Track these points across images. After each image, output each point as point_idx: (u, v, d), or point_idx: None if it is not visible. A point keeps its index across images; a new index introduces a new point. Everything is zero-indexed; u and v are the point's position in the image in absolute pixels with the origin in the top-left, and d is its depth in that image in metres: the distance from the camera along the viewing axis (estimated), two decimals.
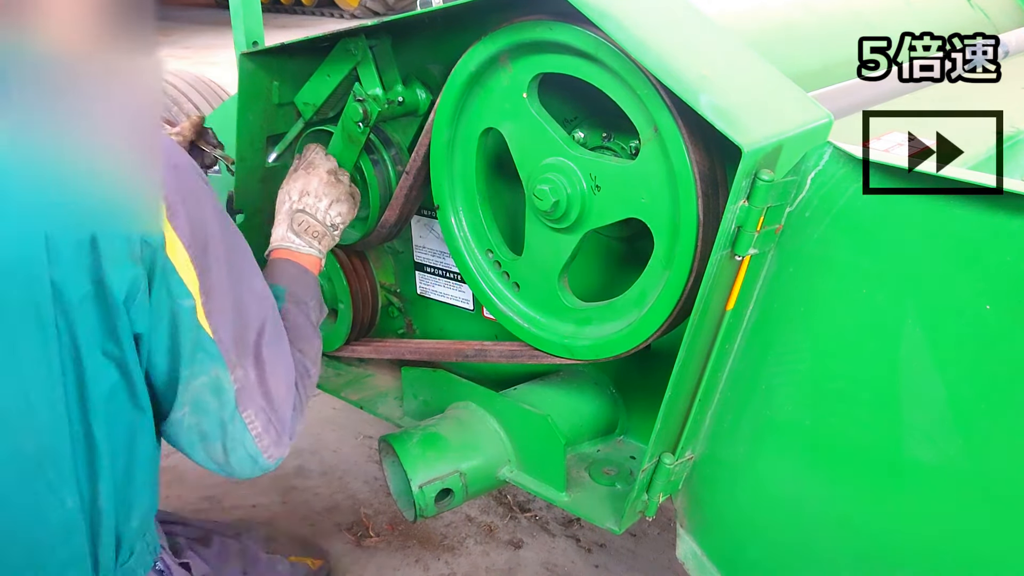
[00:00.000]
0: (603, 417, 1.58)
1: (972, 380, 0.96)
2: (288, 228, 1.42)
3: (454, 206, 1.47)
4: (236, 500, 2.25)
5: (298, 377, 1.18)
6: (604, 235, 1.46)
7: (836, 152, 1.03)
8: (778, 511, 1.21)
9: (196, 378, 1.03)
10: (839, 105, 1.34)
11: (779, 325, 1.13)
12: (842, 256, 1.04)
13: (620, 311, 1.31)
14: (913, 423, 1.02)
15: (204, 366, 1.03)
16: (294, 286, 1.32)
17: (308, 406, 1.22)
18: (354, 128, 1.50)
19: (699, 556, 1.32)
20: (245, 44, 1.93)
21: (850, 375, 1.07)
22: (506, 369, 1.69)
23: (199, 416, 1.05)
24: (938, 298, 0.97)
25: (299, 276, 1.36)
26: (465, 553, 2.06)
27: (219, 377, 1.04)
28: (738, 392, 1.21)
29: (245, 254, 1.10)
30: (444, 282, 1.75)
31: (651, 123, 1.14)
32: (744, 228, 1.04)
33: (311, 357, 1.26)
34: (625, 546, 2.09)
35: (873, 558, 1.11)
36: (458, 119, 1.39)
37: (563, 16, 1.15)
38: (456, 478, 1.42)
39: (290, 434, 1.13)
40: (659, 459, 1.27)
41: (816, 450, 1.13)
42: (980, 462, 0.98)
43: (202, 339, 1.01)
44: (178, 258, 0.97)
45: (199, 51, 9.40)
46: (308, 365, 1.24)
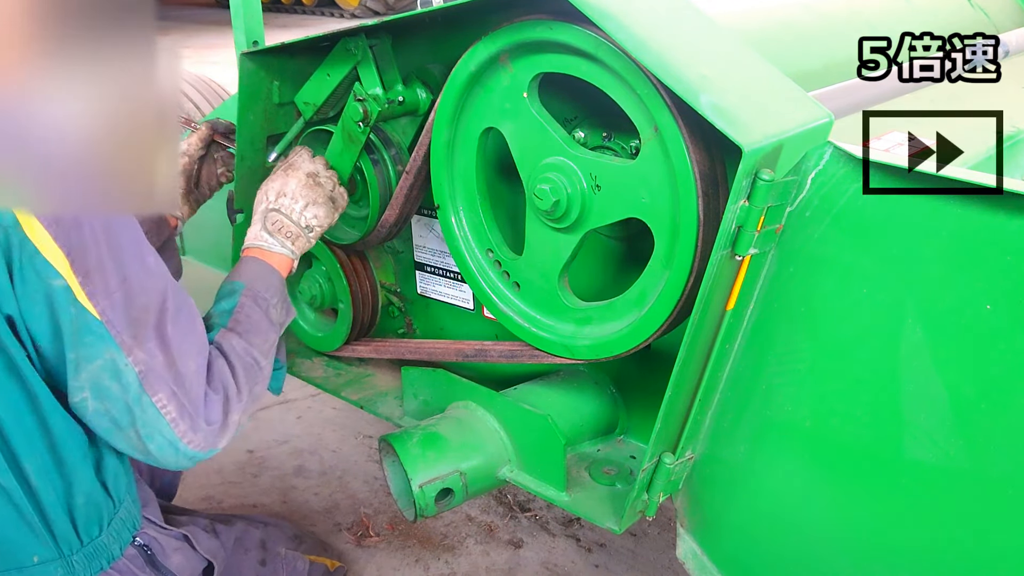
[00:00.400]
0: (603, 417, 1.58)
1: (972, 380, 0.96)
2: (262, 227, 1.42)
3: (454, 206, 1.47)
4: (235, 500, 2.26)
5: (242, 368, 1.18)
6: (604, 235, 1.46)
7: (836, 152, 1.03)
8: (778, 511, 1.21)
9: (90, 361, 1.00)
10: (839, 105, 1.34)
11: (779, 325, 1.13)
12: (842, 256, 1.04)
13: (620, 311, 1.32)
14: (913, 423, 1.02)
15: (95, 349, 1.00)
16: (256, 282, 1.32)
17: (309, 408, 1.21)
18: (354, 128, 1.50)
19: (699, 556, 1.32)
20: (245, 43, 1.93)
21: (850, 375, 1.07)
22: (506, 369, 1.69)
23: (104, 401, 1.03)
24: (938, 298, 0.97)
25: (263, 273, 1.36)
26: (465, 553, 2.06)
27: (114, 359, 1.01)
28: (738, 392, 1.21)
29: (128, 231, 1.05)
30: (444, 282, 1.75)
31: (651, 123, 1.14)
32: (744, 228, 1.04)
33: (261, 350, 1.25)
34: (625, 546, 2.09)
35: (873, 558, 1.11)
36: (458, 119, 1.39)
37: (563, 16, 1.15)
38: (456, 478, 1.42)
39: (207, 418, 1.09)
40: (659, 459, 1.27)
41: (816, 450, 1.13)
42: (980, 462, 0.98)
43: (87, 321, 0.99)
44: (38, 237, 0.94)
45: (199, 50, 9.40)
46: (257, 356, 1.23)
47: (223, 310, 1.27)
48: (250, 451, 2.46)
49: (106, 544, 1.22)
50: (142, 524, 1.30)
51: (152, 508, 1.37)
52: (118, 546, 1.24)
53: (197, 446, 1.08)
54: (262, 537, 1.57)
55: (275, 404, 2.65)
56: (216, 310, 1.28)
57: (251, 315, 1.27)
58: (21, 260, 0.95)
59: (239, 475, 2.36)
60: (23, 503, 1.10)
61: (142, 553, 1.28)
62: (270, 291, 1.33)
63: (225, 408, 1.12)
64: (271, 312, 1.31)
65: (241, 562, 1.50)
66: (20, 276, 0.96)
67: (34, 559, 1.14)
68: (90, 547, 1.19)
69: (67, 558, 1.17)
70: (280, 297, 1.36)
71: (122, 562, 1.24)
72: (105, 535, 1.22)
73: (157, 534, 1.32)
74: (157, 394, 1.04)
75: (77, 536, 1.18)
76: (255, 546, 1.54)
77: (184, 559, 1.35)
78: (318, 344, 1.90)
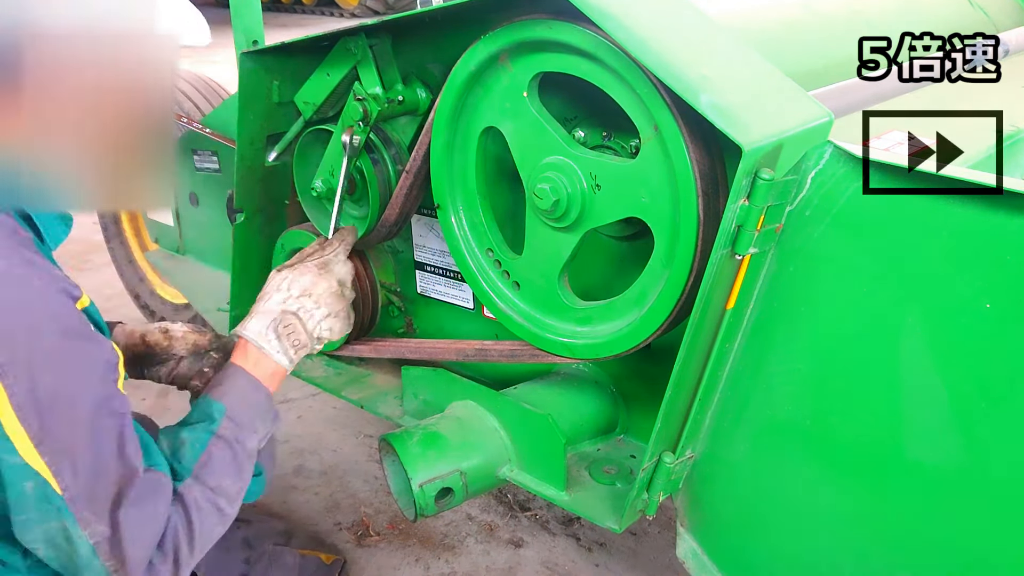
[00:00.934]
0: (603, 416, 1.58)
1: (972, 379, 0.96)
2: (270, 326, 1.29)
3: (454, 205, 1.47)
4: None
5: (199, 521, 1.10)
6: (604, 234, 1.46)
7: (836, 151, 1.03)
8: (778, 510, 1.21)
9: (43, 523, 0.98)
10: (839, 104, 1.34)
11: (779, 324, 1.13)
12: (842, 255, 1.04)
13: (620, 310, 1.32)
14: (913, 422, 1.02)
15: (50, 516, 0.97)
16: (239, 409, 1.21)
17: (309, 408, 1.19)
18: (354, 127, 1.50)
19: (699, 555, 1.32)
20: (245, 43, 1.93)
21: (850, 374, 1.07)
22: (506, 368, 1.69)
23: (56, 551, 1.00)
24: (938, 297, 0.97)
25: (250, 396, 1.24)
26: (465, 552, 2.06)
27: (67, 529, 0.98)
28: (738, 391, 1.21)
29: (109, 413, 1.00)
30: (444, 281, 1.75)
31: (651, 122, 1.14)
32: (744, 227, 1.04)
33: (228, 495, 1.15)
34: (626, 545, 2.09)
35: (873, 557, 1.11)
36: (458, 118, 1.39)
37: (563, 15, 1.15)
38: (456, 477, 1.43)
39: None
40: (659, 458, 1.27)
41: (816, 449, 1.13)
42: (980, 461, 0.98)
43: (47, 493, 0.96)
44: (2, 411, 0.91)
45: (199, 50, 9.39)
46: (222, 505, 1.14)
47: (195, 440, 1.16)
48: None
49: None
50: None
51: None
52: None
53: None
54: (245, 535, 1.55)
55: (276, 404, 2.65)
56: (187, 436, 1.16)
57: (222, 457, 1.16)
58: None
59: None
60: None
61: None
62: (253, 416, 1.22)
63: (174, 570, 1.07)
64: (249, 444, 1.21)
65: (224, 561, 1.48)
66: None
67: None
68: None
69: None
70: (264, 419, 1.25)
71: None
72: None
73: None
74: (110, 560, 1.01)
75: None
76: (237, 545, 1.52)
77: None
78: None
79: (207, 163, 2.26)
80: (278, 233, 1.84)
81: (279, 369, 1.30)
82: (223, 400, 1.21)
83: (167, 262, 2.65)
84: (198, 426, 1.18)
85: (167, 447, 1.15)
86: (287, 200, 1.84)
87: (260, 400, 1.25)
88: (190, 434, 1.16)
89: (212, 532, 1.14)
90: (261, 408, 1.25)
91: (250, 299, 1.40)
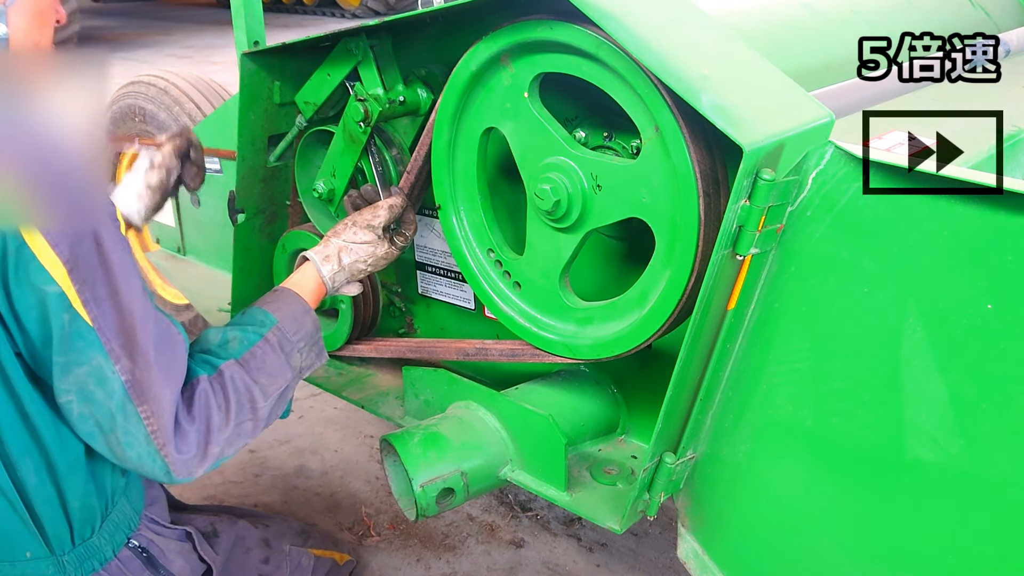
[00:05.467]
0: (604, 416, 1.58)
1: (973, 379, 0.96)
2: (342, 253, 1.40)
3: (455, 206, 1.47)
4: (237, 500, 2.26)
5: (235, 402, 1.14)
6: (605, 234, 1.46)
7: (837, 151, 1.03)
8: (780, 510, 1.21)
9: (78, 366, 1.01)
10: (839, 105, 1.34)
11: (780, 325, 1.13)
12: (843, 255, 1.04)
13: (621, 310, 1.32)
14: (914, 422, 1.02)
15: (84, 354, 1.00)
16: (288, 323, 1.27)
17: (310, 408, 1.21)
18: (355, 128, 1.50)
19: (701, 555, 1.32)
20: (246, 44, 1.93)
21: (851, 375, 1.07)
22: (507, 368, 1.69)
23: (89, 405, 1.03)
24: (939, 297, 0.97)
25: (298, 314, 1.30)
26: (467, 552, 2.06)
27: (101, 366, 1.01)
28: (739, 392, 1.21)
29: (121, 250, 1.05)
30: (445, 281, 1.75)
31: (652, 122, 1.14)
32: (745, 227, 1.04)
33: (265, 391, 1.20)
34: (627, 545, 2.09)
35: (874, 557, 1.11)
36: (459, 119, 1.39)
37: (564, 15, 1.16)
38: (457, 477, 1.43)
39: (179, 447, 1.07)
40: (660, 458, 1.27)
41: (817, 449, 1.13)
42: (982, 462, 0.98)
43: (79, 327, 0.99)
44: (36, 245, 0.95)
45: (200, 51, 9.41)
46: (256, 395, 1.18)
47: (244, 339, 1.22)
48: (251, 451, 2.46)
49: (98, 546, 1.22)
50: (140, 526, 1.30)
51: (159, 507, 1.36)
52: (111, 548, 1.24)
53: (174, 465, 1.07)
54: (265, 535, 1.56)
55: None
56: (238, 334, 1.22)
57: (268, 356, 1.22)
58: (17, 265, 0.95)
59: (240, 475, 2.36)
60: (16, 501, 1.11)
61: (138, 555, 1.28)
62: (300, 335, 1.28)
63: (205, 439, 1.10)
64: (293, 357, 1.26)
65: (243, 561, 1.49)
66: (15, 280, 0.96)
67: (27, 554, 1.15)
68: (81, 548, 1.20)
69: (58, 557, 1.17)
70: (309, 342, 1.30)
71: (115, 563, 1.24)
72: (97, 537, 1.22)
73: (156, 536, 1.32)
74: (142, 405, 1.03)
75: (71, 537, 1.18)
76: (257, 544, 1.54)
77: (185, 562, 1.35)
78: None
79: (208, 164, 2.26)
80: (279, 234, 1.84)
81: (320, 288, 1.40)
82: (277, 314, 1.27)
83: (168, 262, 2.65)
84: (248, 328, 1.24)
85: (214, 338, 1.21)
86: (288, 201, 1.85)
87: (308, 325, 1.31)
88: (241, 332, 1.23)
89: (243, 424, 1.17)
90: (308, 333, 1.31)
91: (251, 299, 1.40)
